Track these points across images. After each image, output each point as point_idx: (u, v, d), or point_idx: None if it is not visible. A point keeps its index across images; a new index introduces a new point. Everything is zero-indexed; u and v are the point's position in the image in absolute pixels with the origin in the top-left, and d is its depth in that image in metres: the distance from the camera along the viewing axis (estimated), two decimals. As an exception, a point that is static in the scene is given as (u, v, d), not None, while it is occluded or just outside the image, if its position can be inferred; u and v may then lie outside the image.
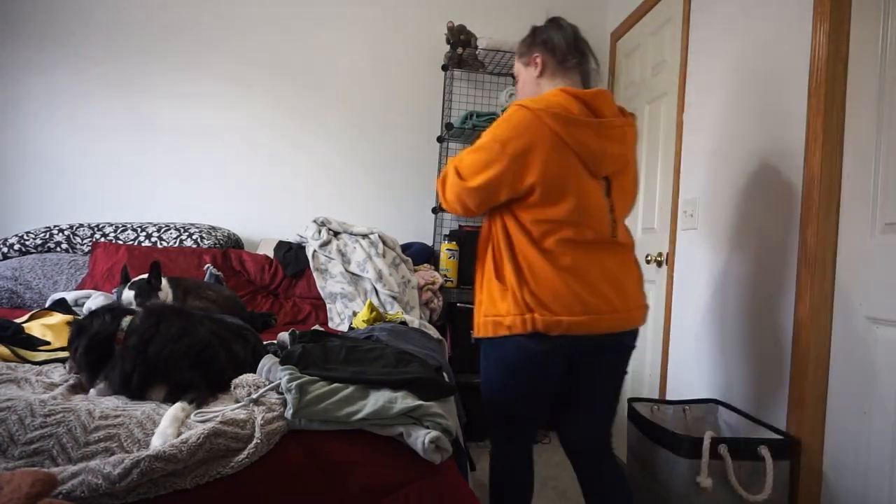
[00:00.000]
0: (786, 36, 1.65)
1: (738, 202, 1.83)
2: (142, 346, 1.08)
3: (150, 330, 1.10)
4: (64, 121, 2.74)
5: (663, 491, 1.55)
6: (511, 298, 1.31)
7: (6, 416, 0.89)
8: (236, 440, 0.89)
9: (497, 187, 1.29)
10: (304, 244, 2.52)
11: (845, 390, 1.41)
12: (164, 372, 1.07)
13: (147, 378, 1.06)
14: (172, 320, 1.14)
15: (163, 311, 1.17)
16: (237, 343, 1.23)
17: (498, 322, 1.34)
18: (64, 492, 0.75)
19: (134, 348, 1.08)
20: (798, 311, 1.52)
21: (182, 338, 1.11)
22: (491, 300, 1.37)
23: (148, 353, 1.07)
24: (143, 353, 1.07)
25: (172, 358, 1.08)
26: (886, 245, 1.32)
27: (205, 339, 1.14)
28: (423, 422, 1.02)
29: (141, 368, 1.06)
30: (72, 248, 2.50)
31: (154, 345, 1.08)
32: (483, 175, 1.29)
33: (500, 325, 1.33)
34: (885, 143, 1.34)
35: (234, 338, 1.24)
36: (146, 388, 1.06)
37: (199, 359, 1.11)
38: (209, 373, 1.11)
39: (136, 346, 1.08)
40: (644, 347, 2.41)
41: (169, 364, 1.07)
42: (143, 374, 1.06)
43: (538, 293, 1.29)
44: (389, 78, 2.94)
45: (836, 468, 1.43)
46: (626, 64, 2.82)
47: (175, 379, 1.06)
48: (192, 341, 1.12)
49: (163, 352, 1.08)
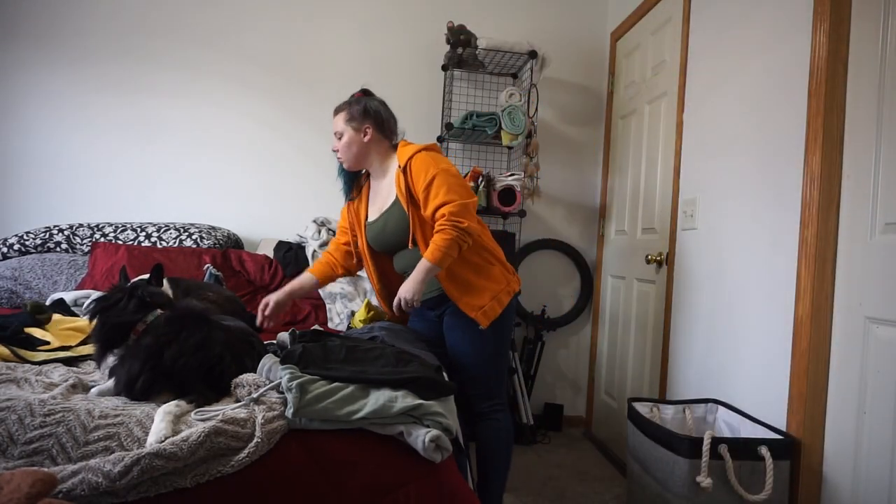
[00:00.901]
0: (786, 36, 1.65)
1: (737, 202, 1.83)
2: (155, 350, 1.06)
3: (169, 336, 1.09)
4: (64, 120, 2.74)
5: (663, 491, 1.56)
6: (500, 268, 1.69)
7: (6, 415, 0.89)
8: (237, 439, 0.89)
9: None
10: (304, 244, 2.52)
11: (845, 390, 1.41)
12: (173, 381, 1.05)
13: (154, 384, 1.04)
14: (193, 330, 1.12)
15: (187, 319, 1.15)
16: (248, 356, 1.21)
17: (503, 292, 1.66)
18: (64, 491, 0.75)
19: (146, 350, 1.06)
20: (798, 311, 1.52)
21: (198, 351, 1.09)
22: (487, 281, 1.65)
23: (163, 358, 1.05)
24: (154, 358, 1.05)
25: (185, 370, 1.07)
26: (886, 245, 1.32)
27: (218, 353, 1.13)
28: (424, 421, 1.02)
29: (149, 374, 1.04)
30: (71, 248, 2.50)
31: (170, 351, 1.07)
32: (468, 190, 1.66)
33: (506, 294, 1.67)
34: (885, 143, 1.34)
35: (247, 349, 1.23)
36: (152, 393, 1.06)
37: (210, 374, 1.10)
38: (218, 386, 1.10)
39: (148, 348, 1.07)
40: (644, 347, 2.41)
41: (180, 375, 1.06)
42: (151, 380, 1.04)
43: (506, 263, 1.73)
44: (389, 78, 2.94)
45: (836, 468, 1.43)
46: (626, 64, 2.82)
47: (184, 391, 1.05)
48: (206, 355, 1.10)
49: (178, 361, 1.06)
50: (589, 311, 3.08)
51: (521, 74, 2.87)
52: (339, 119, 1.72)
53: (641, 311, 2.46)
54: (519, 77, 2.91)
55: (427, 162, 1.62)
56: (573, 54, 3.06)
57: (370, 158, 1.75)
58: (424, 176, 1.59)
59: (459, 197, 1.57)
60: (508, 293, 1.68)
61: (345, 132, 1.71)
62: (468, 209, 1.57)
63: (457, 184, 1.60)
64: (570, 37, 3.07)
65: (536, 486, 2.26)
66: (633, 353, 2.51)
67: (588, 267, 3.06)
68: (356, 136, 1.71)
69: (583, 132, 3.09)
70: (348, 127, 1.70)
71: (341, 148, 1.72)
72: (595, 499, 2.16)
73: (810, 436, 1.47)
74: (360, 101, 1.74)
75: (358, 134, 1.71)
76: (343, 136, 1.71)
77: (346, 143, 1.71)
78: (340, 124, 1.71)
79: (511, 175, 2.61)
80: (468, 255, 1.64)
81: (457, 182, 1.61)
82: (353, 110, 1.71)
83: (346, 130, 1.71)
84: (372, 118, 1.71)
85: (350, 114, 1.71)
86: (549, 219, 3.07)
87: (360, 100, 1.74)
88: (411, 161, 1.64)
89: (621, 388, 2.60)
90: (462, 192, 1.59)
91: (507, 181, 2.60)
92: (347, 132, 1.71)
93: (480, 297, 1.63)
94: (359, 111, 1.71)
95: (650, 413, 1.81)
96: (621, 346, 2.65)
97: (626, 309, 2.63)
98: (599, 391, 2.88)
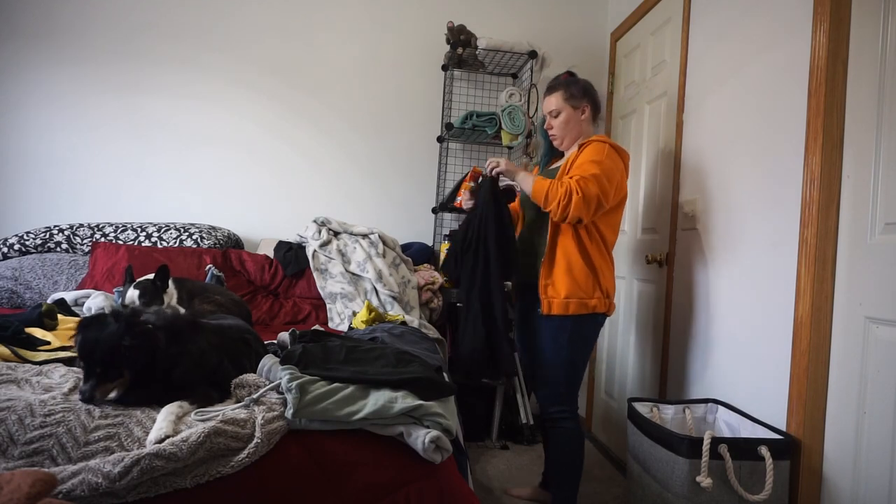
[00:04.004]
0: (786, 36, 1.65)
1: (737, 202, 1.83)
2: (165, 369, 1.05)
3: (176, 356, 1.07)
4: (65, 120, 2.74)
5: (663, 491, 1.56)
6: (594, 283, 1.68)
7: (6, 416, 0.89)
8: (236, 439, 0.89)
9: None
10: (304, 244, 2.52)
11: (845, 390, 1.41)
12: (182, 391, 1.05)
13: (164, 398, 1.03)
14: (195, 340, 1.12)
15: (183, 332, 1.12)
16: (245, 356, 1.22)
17: (589, 298, 1.68)
18: (64, 491, 0.75)
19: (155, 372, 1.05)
20: (798, 311, 1.52)
21: (202, 361, 1.10)
22: (573, 280, 1.66)
23: (172, 376, 1.05)
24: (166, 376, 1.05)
25: (193, 380, 1.07)
26: (886, 245, 1.32)
27: (218, 360, 1.13)
28: (424, 421, 1.02)
29: (160, 390, 1.03)
30: (72, 248, 2.50)
31: (179, 368, 1.06)
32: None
33: (588, 305, 1.67)
34: (885, 143, 1.34)
35: (243, 349, 1.23)
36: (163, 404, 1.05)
37: (214, 378, 1.11)
38: (221, 388, 1.11)
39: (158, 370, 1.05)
40: (644, 347, 2.41)
41: (189, 384, 1.06)
42: (162, 394, 1.03)
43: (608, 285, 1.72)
44: (389, 78, 2.94)
45: (836, 468, 1.43)
46: (626, 64, 2.82)
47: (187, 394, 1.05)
48: (208, 361, 1.11)
49: (186, 375, 1.06)
50: (589, 310, 3.08)
51: (521, 74, 2.87)
52: (557, 97, 1.75)
53: (641, 311, 2.46)
54: (519, 77, 2.91)
55: (604, 152, 1.63)
56: (573, 54, 3.06)
57: (580, 138, 1.77)
58: (592, 157, 1.61)
59: (598, 184, 1.57)
60: (585, 307, 1.66)
61: (563, 110, 1.74)
62: (595, 199, 1.57)
63: (610, 181, 1.60)
64: (570, 37, 3.07)
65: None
66: (633, 353, 2.51)
67: (588, 267, 3.05)
68: (575, 114, 1.74)
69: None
70: (567, 105, 1.73)
71: (557, 126, 1.76)
72: (595, 499, 2.16)
73: (810, 436, 1.47)
74: (577, 80, 1.77)
75: (577, 112, 1.74)
76: (561, 113, 1.75)
77: (563, 120, 1.75)
78: (558, 101, 1.75)
79: (511, 175, 2.61)
80: (579, 248, 1.66)
81: (612, 181, 1.61)
82: (572, 89, 1.74)
83: (565, 108, 1.74)
84: (591, 98, 1.75)
85: (570, 92, 1.74)
86: (549, 219, 3.07)
87: (577, 79, 1.77)
88: (592, 143, 1.66)
89: (621, 388, 2.60)
90: (605, 188, 1.59)
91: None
92: (566, 110, 1.74)
93: (559, 286, 1.65)
94: (579, 90, 1.74)
95: (650, 413, 1.81)
96: (621, 346, 2.65)
97: (626, 309, 2.63)
98: (599, 391, 2.88)
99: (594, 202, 1.58)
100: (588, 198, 1.56)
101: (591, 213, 1.60)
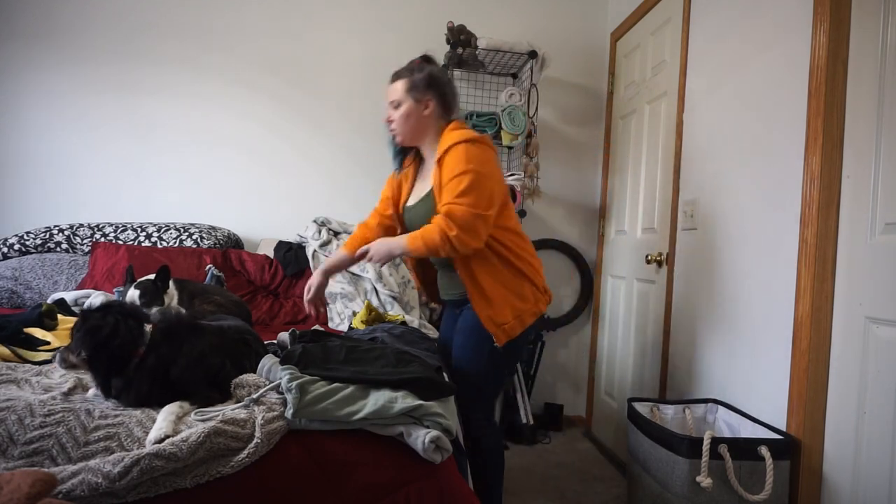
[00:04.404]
0: (786, 36, 1.65)
1: (737, 202, 1.83)
2: (161, 370, 1.06)
3: (172, 353, 1.08)
4: (65, 120, 2.74)
5: (663, 491, 1.56)
6: (531, 287, 1.54)
7: (6, 416, 0.89)
8: (236, 439, 0.89)
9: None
10: (304, 244, 2.52)
11: (845, 390, 1.41)
12: (182, 393, 1.05)
13: (164, 399, 1.03)
14: (193, 342, 1.12)
15: (182, 331, 1.14)
16: (246, 357, 1.22)
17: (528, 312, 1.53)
18: (64, 491, 0.75)
19: (151, 372, 1.06)
20: (798, 311, 1.52)
21: (201, 363, 1.10)
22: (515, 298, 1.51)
23: (170, 376, 1.05)
24: (161, 377, 1.05)
25: (192, 381, 1.07)
26: (886, 245, 1.32)
27: (219, 361, 1.13)
28: (424, 421, 1.02)
29: (158, 394, 1.04)
30: (72, 248, 2.50)
31: (176, 368, 1.06)
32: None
33: (531, 315, 1.53)
34: (885, 143, 1.34)
35: (243, 350, 1.23)
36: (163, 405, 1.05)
37: (215, 380, 1.11)
38: (223, 390, 1.11)
39: (153, 370, 1.06)
40: (644, 347, 2.41)
41: (189, 386, 1.06)
42: (161, 395, 1.03)
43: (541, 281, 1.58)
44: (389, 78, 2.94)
45: (836, 468, 1.43)
46: (626, 64, 2.82)
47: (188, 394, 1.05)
48: (208, 364, 1.11)
49: (184, 374, 1.06)
50: (589, 310, 3.08)
51: (521, 74, 2.87)
52: (399, 86, 1.54)
53: (641, 311, 2.46)
54: (519, 77, 2.91)
55: (463, 157, 1.42)
56: (573, 54, 3.06)
57: (426, 134, 1.57)
58: (453, 171, 1.42)
59: (474, 205, 1.38)
60: (534, 314, 1.53)
61: (403, 102, 1.53)
62: (474, 220, 1.38)
63: (483, 189, 1.41)
64: (570, 37, 3.07)
65: (536, 486, 2.26)
66: (633, 353, 2.51)
67: (588, 267, 3.06)
68: (416, 107, 1.53)
69: (583, 132, 3.09)
70: (408, 97, 1.52)
71: (397, 119, 1.55)
72: (595, 499, 2.16)
73: (810, 436, 1.47)
74: (423, 68, 1.55)
75: (418, 106, 1.53)
76: (401, 105, 1.53)
77: (403, 114, 1.53)
78: (399, 93, 1.53)
79: (511, 175, 2.62)
80: (499, 266, 1.49)
81: (485, 187, 1.42)
82: (415, 78, 1.53)
83: (406, 100, 1.53)
84: (435, 90, 1.53)
85: (412, 82, 1.53)
86: (549, 219, 3.08)
87: (424, 67, 1.55)
88: (448, 152, 1.45)
89: (621, 388, 2.60)
90: (481, 201, 1.40)
91: (508, 181, 2.60)
92: (406, 102, 1.53)
93: (503, 312, 1.48)
94: (422, 80, 1.52)
95: (650, 413, 1.81)
96: (621, 346, 2.65)
97: (626, 309, 2.63)
98: (599, 391, 2.88)
99: (476, 223, 1.39)
100: (466, 226, 1.37)
101: (480, 234, 1.41)
